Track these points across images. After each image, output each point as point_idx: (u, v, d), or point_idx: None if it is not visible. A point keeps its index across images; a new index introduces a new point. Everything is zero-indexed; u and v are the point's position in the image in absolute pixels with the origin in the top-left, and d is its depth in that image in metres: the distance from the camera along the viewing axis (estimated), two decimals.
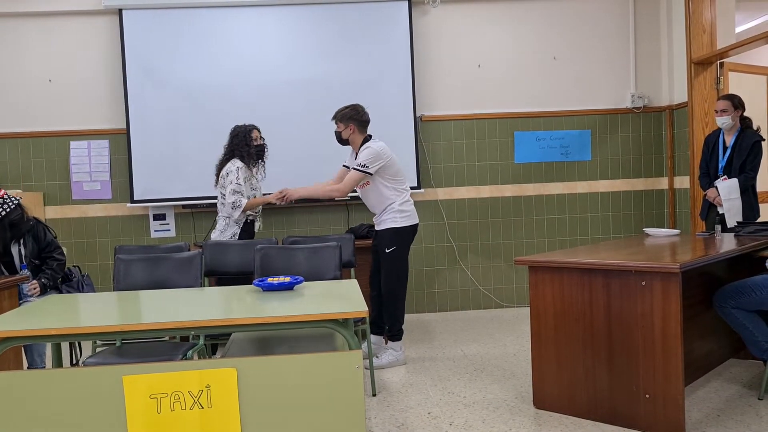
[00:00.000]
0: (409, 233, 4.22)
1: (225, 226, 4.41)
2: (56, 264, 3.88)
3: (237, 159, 4.39)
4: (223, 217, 4.42)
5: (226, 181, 4.35)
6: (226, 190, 4.34)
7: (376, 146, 4.10)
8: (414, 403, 3.47)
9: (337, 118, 4.19)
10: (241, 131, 4.45)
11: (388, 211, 4.17)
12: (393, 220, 4.15)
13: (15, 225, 3.75)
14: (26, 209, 3.86)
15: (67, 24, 5.57)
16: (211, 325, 2.32)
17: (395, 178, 4.18)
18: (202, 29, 5.52)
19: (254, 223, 4.52)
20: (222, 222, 4.43)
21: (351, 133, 4.17)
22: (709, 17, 5.49)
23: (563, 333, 3.18)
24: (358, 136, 4.19)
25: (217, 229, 4.45)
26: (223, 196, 4.39)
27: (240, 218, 4.38)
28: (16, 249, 3.80)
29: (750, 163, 4.46)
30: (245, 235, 4.41)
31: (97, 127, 5.63)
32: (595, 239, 5.96)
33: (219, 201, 4.46)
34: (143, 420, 2.21)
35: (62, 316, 2.55)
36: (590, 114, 5.92)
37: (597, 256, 3.17)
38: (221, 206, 4.43)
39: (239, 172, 4.33)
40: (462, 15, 5.80)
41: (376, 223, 4.31)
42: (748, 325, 3.31)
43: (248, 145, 4.41)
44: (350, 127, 4.16)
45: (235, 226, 4.38)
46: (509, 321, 5.37)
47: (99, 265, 5.66)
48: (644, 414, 2.92)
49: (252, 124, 4.52)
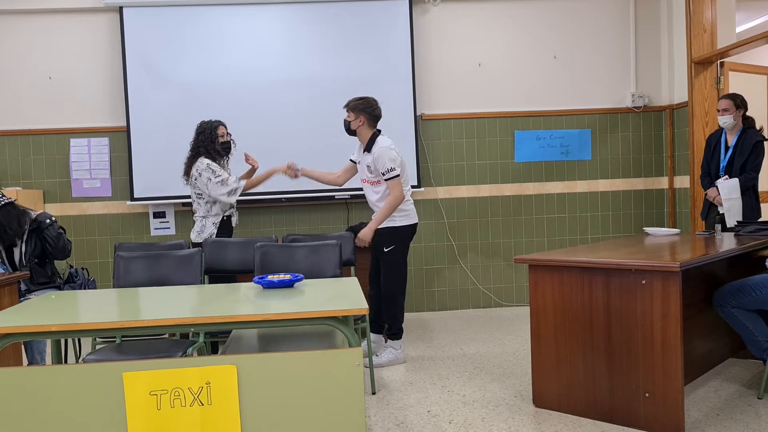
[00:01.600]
0: (408, 232, 4.21)
1: (202, 227, 4.33)
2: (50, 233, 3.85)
3: (203, 157, 4.29)
4: (200, 218, 4.36)
5: (200, 182, 4.25)
6: (206, 190, 4.25)
7: (389, 147, 4.06)
8: (413, 401, 3.47)
9: (349, 106, 4.14)
10: (207, 128, 4.34)
11: None
12: (392, 218, 4.12)
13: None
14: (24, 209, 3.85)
15: (67, 21, 5.57)
16: (211, 322, 2.32)
17: (403, 176, 4.17)
18: (203, 27, 5.52)
19: (231, 218, 4.45)
20: (198, 223, 4.36)
21: (360, 125, 4.12)
22: (709, 17, 5.49)
23: (563, 332, 3.18)
24: (367, 130, 4.15)
25: (194, 230, 4.37)
26: (199, 195, 4.31)
27: (216, 217, 4.32)
28: (18, 247, 3.80)
29: (751, 163, 4.45)
30: (223, 233, 4.34)
31: (97, 125, 5.63)
32: (595, 238, 5.97)
33: (194, 201, 4.38)
34: (143, 417, 2.21)
35: (62, 312, 2.54)
36: (590, 113, 5.92)
37: (597, 255, 3.16)
38: (196, 205, 4.37)
39: (211, 166, 4.25)
40: (462, 14, 5.80)
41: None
42: (747, 324, 3.31)
43: (213, 142, 4.32)
44: (360, 118, 4.11)
45: (212, 227, 4.32)
46: (509, 320, 5.38)
47: (99, 262, 5.66)
48: (644, 413, 2.93)
49: (218, 120, 4.41)
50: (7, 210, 3.73)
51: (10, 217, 3.72)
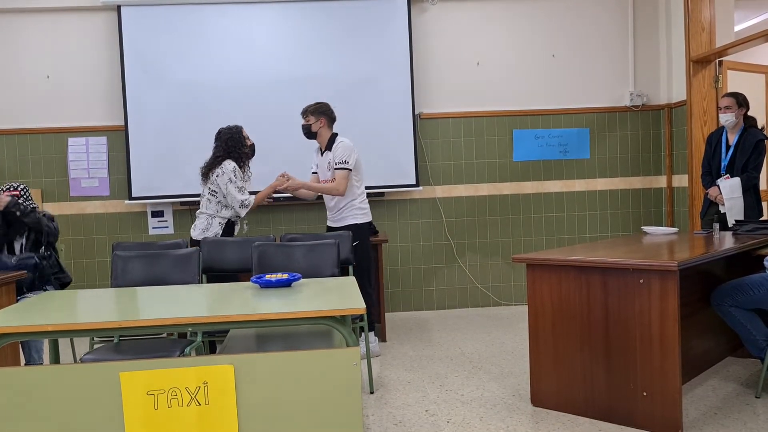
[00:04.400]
0: (367, 230, 4.45)
1: (207, 225, 4.28)
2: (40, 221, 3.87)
3: (231, 160, 4.27)
4: (207, 215, 4.30)
5: (220, 180, 4.22)
6: (224, 189, 4.23)
7: (347, 142, 4.35)
8: (412, 400, 3.47)
9: (309, 111, 4.38)
10: (235, 132, 4.34)
11: (348, 207, 4.40)
12: (354, 216, 4.39)
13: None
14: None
15: (65, 20, 5.56)
16: (208, 321, 2.32)
17: (359, 176, 4.42)
18: (201, 26, 5.51)
19: (235, 224, 4.42)
20: (204, 220, 4.30)
21: (321, 126, 4.38)
22: (708, 15, 5.49)
23: (561, 331, 3.18)
24: (327, 131, 4.41)
25: (197, 227, 4.31)
26: (213, 193, 4.27)
27: (223, 218, 4.29)
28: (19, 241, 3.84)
29: (753, 162, 4.45)
30: (226, 235, 4.31)
31: (95, 124, 5.62)
32: (593, 237, 5.97)
33: (205, 198, 4.33)
34: (140, 416, 2.21)
35: (60, 312, 2.54)
36: (589, 112, 5.92)
37: (595, 254, 3.16)
38: (206, 202, 4.31)
39: (236, 172, 4.25)
40: (461, 13, 5.80)
41: (334, 221, 4.47)
42: (745, 323, 3.31)
43: (244, 145, 4.35)
44: (321, 120, 4.37)
45: (218, 227, 4.28)
46: (507, 319, 5.38)
47: (97, 262, 5.65)
48: (641, 412, 2.93)
49: (238, 125, 4.41)
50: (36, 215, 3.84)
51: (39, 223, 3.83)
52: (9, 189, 3.83)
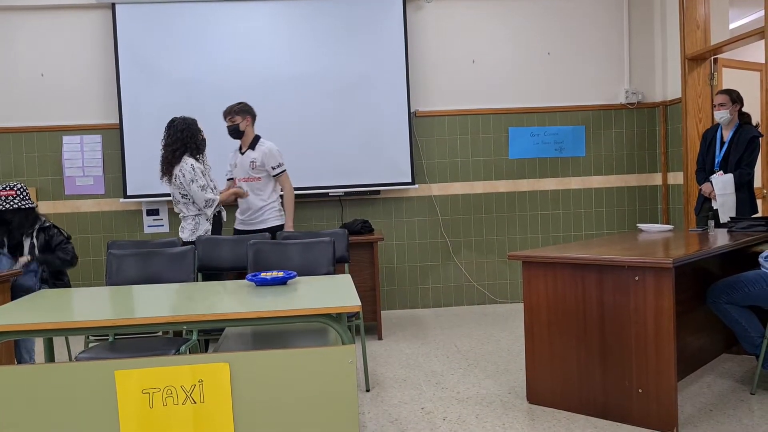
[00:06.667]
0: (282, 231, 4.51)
1: (195, 225, 4.24)
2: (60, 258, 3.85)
3: (187, 156, 4.19)
4: (192, 217, 4.25)
5: (185, 181, 4.15)
6: (189, 190, 4.17)
7: (273, 145, 4.48)
8: (407, 398, 3.47)
9: (234, 111, 4.44)
10: (190, 124, 4.24)
11: (269, 209, 4.49)
12: (276, 218, 4.50)
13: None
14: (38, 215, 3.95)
15: (59, 18, 5.54)
16: (203, 319, 2.31)
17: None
18: (196, 24, 5.50)
19: (221, 213, 4.40)
20: (191, 222, 4.25)
21: (248, 125, 4.48)
22: (702, 13, 5.50)
23: (556, 328, 3.18)
24: (252, 130, 4.51)
25: (185, 229, 4.25)
26: (184, 196, 4.22)
27: (210, 213, 4.25)
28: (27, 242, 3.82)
29: (747, 158, 4.45)
30: (216, 229, 4.29)
31: (89, 122, 5.60)
32: (589, 235, 5.98)
33: (180, 201, 4.27)
34: (135, 415, 2.20)
35: (54, 310, 2.53)
36: (584, 110, 5.93)
37: (590, 252, 3.17)
38: (184, 206, 4.26)
39: (195, 169, 4.17)
40: (456, 11, 5.80)
41: (250, 223, 4.48)
42: (740, 320, 3.32)
43: (198, 138, 4.26)
44: (247, 119, 4.47)
45: (206, 223, 4.23)
46: (503, 316, 5.38)
47: (92, 260, 5.64)
48: (637, 409, 2.93)
49: (194, 117, 4.32)
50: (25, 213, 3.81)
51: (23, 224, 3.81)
52: (6, 188, 3.80)
